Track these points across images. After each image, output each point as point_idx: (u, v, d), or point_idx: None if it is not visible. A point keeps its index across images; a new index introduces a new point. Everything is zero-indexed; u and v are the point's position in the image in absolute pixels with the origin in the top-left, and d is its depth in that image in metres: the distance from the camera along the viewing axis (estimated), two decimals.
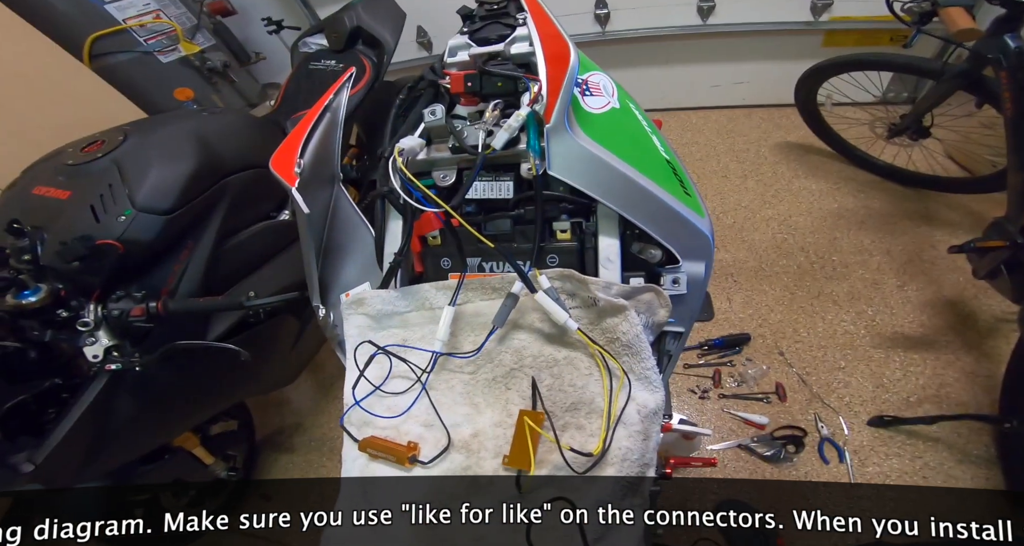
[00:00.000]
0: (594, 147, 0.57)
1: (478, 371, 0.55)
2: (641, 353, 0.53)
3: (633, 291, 0.54)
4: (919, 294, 1.58)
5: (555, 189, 0.58)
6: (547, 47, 0.58)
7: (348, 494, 0.56)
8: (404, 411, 0.55)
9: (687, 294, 0.59)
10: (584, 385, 0.53)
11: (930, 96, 1.51)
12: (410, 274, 0.64)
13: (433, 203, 0.53)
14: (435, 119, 0.58)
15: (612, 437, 0.52)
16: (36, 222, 0.91)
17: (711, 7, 1.98)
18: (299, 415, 1.71)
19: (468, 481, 0.53)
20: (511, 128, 0.55)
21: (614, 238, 0.59)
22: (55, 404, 0.95)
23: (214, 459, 1.35)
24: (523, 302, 0.54)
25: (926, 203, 1.80)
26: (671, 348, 0.62)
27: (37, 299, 0.87)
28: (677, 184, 0.62)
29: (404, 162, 0.56)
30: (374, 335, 0.58)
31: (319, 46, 1.61)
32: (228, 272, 1.09)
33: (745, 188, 1.96)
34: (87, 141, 1.03)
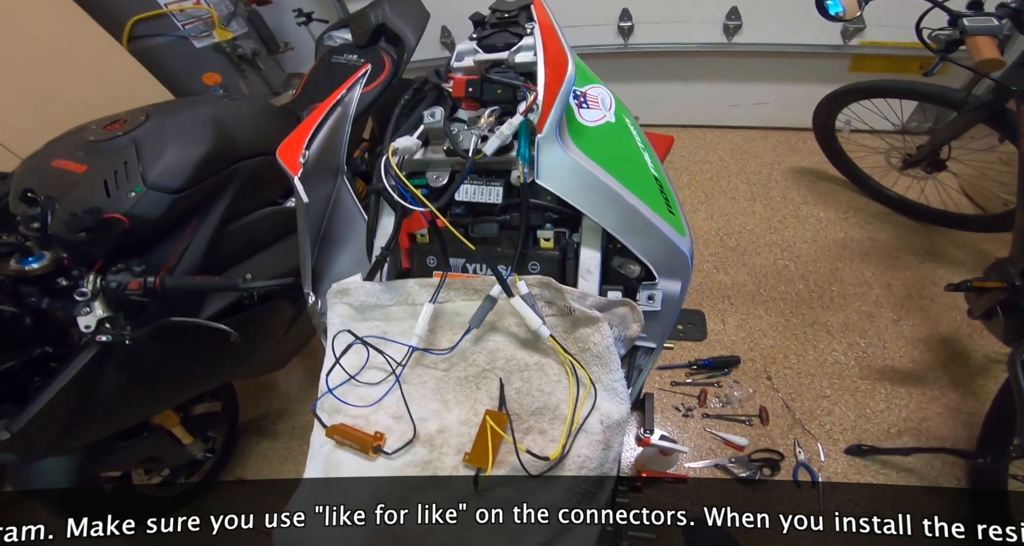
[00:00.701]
0: (583, 160, 0.58)
1: (451, 369, 0.57)
2: (610, 364, 0.54)
3: (608, 304, 0.55)
4: (913, 329, 1.56)
5: (542, 198, 0.59)
6: (549, 56, 0.60)
7: (312, 476, 0.58)
8: (376, 401, 0.57)
9: (661, 311, 0.60)
10: (551, 391, 0.54)
11: (949, 127, 1.48)
12: (397, 269, 0.66)
13: (420, 203, 0.55)
14: (434, 121, 0.60)
15: (572, 444, 0.53)
16: (50, 192, 0.95)
17: (738, 26, 1.97)
18: (286, 401, 1.74)
19: (428, 474, 0.54)
20: (503, 135, 0.56)
21: (596, 250, 0.60)
22: (42, 373, 0.97)
23: (192, 439, 1.36)
24: (501, 306, 0.55)
25: (934, 239, 1.77)
26: (642, 363, 0.63)
27: (40, 266, 0.90)
28: (662, 202, 0.63)
29: (398, 161, 0.58)
30: (356, 326, 0.60)
31: (343, 40, 1.65)
32: (229, 254, 1.12)
33: (752, 211, 1.95)
34: (111, 120, 1.07)
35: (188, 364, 1.15)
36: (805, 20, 1.85)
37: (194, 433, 1.37)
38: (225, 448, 1.55)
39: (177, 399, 1.26)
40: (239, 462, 1.62)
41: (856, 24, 1.83)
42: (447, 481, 0.53)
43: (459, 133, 0.59)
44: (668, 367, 1.58)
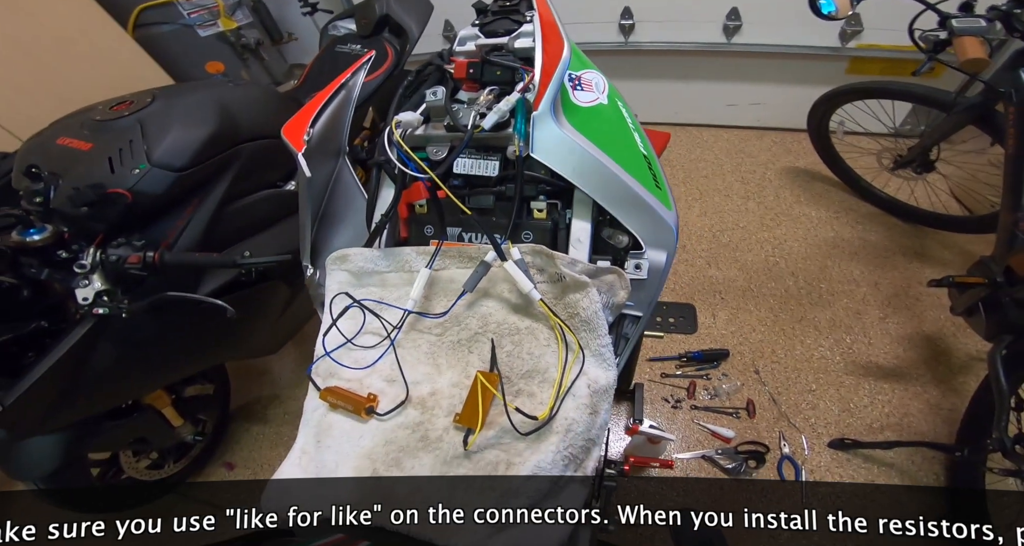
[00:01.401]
0: (576, 136, 0.61)
1: (444, 333, 0.59)
2: (598, 330, 0.56)
3: (597, 271, 0.57)
4: (899, 327, 1.59)
5: (537, 172, 0.62)
6: (546, 41, 0.63)
7: (303, 441, 0.59)
8: (371, 364, 0.58)
9: (647, 280, 0.63)
10: (541, 355, 0.56)
11: (939, 128, 1.51)
12: (395, 239, 0.68)
13: (421, 170, 0.57)
14: (435, 99, 0.63)
15: (560, 406, 0.54)
16: (54, 169, 0.97)
17: (738, 26, 1.99)
18: (278, 386, 1.74)
19: (419, 436, 0.55)
20: (501, 111, 0.59)
21: (586, 222, 0.63)
22: (36, 348, 0.98)
23: (183, 421, 1.36)
24: (495, 273, 0.57)
25: (922, 240, 1.80)
26: (628, 331, 0.66)
27: (41, 238, 0.92)
28: (650, 177, 0.66)
29: (401, 134, 0.60)
30: (353, 291, 0.62)
31: (348, 30, 1.67)
32: (227, 234, 1.14)
33: (746, 209, 1.98)
34: (117, 101, 1.10)
35: (183, 342, 1.17)
36: (804, 22, 1.86)
37: (184, 415, 1.37)
38: (215, 432, 1.56)
39: (170, 378, 1.27)
40: (228, 447, 1.63)
41: (854, 27, 1.86)
42: (437, 443, 0.54)
43: (459, 110, 0.61)
44: (658, 359, 1.60)
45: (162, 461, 1.46)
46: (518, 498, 0.50)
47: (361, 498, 0.52)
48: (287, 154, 1.27)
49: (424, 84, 0.71)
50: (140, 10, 2.07)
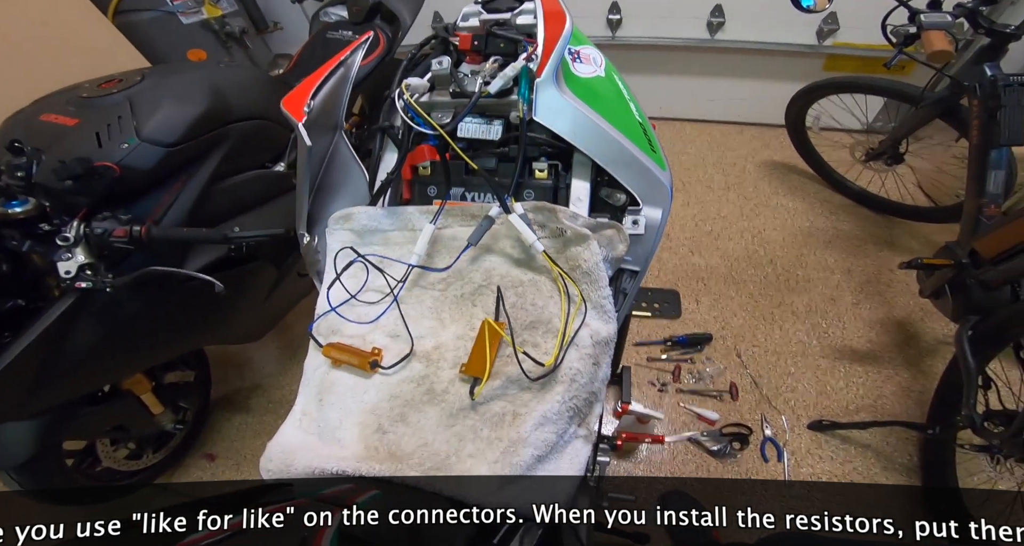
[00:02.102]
0: (576, 102, 0.64)
1: (448, 288, 0.59)
2: (599, 282, 0.57)
3: (597, 225, 0.59)
4: (871, 312, 1.66)
5: (538, 136, 0.64)
6: (548, 17, 0.66)
7: (303, 402, 0.59)
8: (375, 318, 0.59)
9: (644, 235, 0.65)
10: (544, 305, 0.57)
11: (908, 121, 1.58)
12: (397, 200, 0.69)
13: (431, 126, 0.59)
14: (441, 68, 0.65)
15: (564, 356, 0.55)
16: (37, 144, 0.95)
17: (721, 23, 2.05)
18: (260, 376, 1.72)
19: (424, 389, 0.55)
20: (506, 76, 0.61)
21: (585, 181, 0.65)
22: (11, 327, 0.95)
23: (163, 409, 1.34)
24: (497, 230, 0.59)
25: (892, 229, 1.88)
26: (627, 286, 0.68)
27: (23, 210, 0.90)
28: (645, 141, 0.69)
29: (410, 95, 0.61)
30: (356, 249, 0.63)
31: (339, 17, 1.66)
32: (215, 212, 1.13)
33: (727, 200, 2.04)
34: (104, 79, 1.08)
35: (166, 321, 1.15)
36: (784, 20, 1.95)
37: (165, 403, 1.35)
38: (196, 421, 1.52)
39: (152, 359, 1.24)
40: (209, 438, 1.60)
41: (830, 25, 1.93)
42: (443, 395, 0.54)
43: (464, 78, 0.63)
44: (644, 343, 1.64)
45: (140, 451, 1.42)
46: (526, 448, 0.51)
47: (367, 454, 0.52)
48: (276, 136, 1.29)
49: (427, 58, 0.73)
50: None
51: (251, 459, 1.57)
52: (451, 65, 0.65)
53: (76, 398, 1.13)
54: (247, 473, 1.56)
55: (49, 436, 1.12)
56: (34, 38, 1.69)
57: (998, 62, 1.28)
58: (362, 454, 0.52)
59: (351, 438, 0.54)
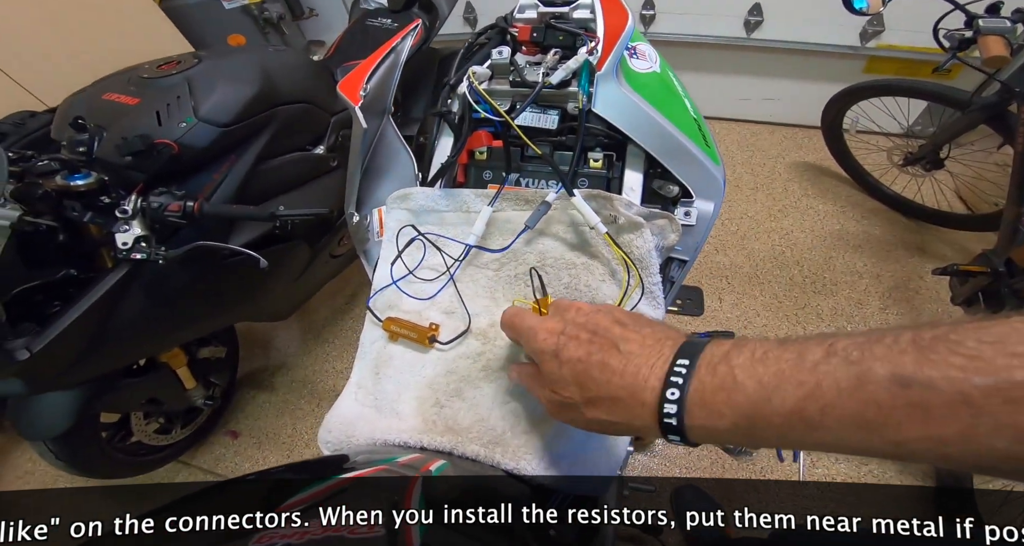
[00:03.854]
0: (634, 96, 0.65)
1: (502, 268, 0.61)
2: (650, 268, 0.58)
3: (651, 214, 0.60)
4: (898, 318, 1.64)
5: (595, 127, 0.65)
6: (608, 12, 0.67)
7: (359, 375, 0.60)
8: (432, 295, 0.60)
9: (695, 226, 0.67)
10: (598, 288, 0.58)
11: (953, 126, 1.55)
12: (451, 183, 0.71)
13: (496, 113, 0.60)
14: (501, 58, 0.66)
15: None
16: (99, 122, 0.99)
17: (759, 22, 2.02)
18: (284, 355, 1.76)
19: (480, 365, 0.56)
20: (569, 68, 0.62)
21: (639, 173, 0.66)
22: (62, 297, 0.99)
23: (196, 384, 1.38)
24: (552, 215, 0.60)
25: (924, 236, 1.85)
26: (674, 275, 0.69)
27: (85, 183, 0.94)
28: (700, 136, 0.70)
29: (469, 85, 0.63)
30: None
31: (378, 4, 1.69)
32: (259, 191, 1.16)
33: (754, 200, 2.02)
34: (163, 61, 1.12)
35: (207, 296, 1.19)
36: (826, 20, 1.91)
37: (197, 378, 1.39)
38: (224, 398, 1.57)
39: (190, 334, 1.28)
40: (232, 415, 1.64)
41: (875, 26, 1.90)
42: (499, 373, 0.55)
43: (524, 68, 0.64)
44: None
45: (170, 426, 1.47)
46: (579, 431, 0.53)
47: (426, 427, 0.54)
48: (317, 119, 1.31)
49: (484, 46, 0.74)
50: None
51: (273, 437, 1.62)
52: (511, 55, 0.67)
53: (117, 370, 1.18)
54: (268, 451, 1.60)
55: (89, 407, 1.16)
56: (85, 21, 1.75)
57: None
58: (421, 427, 0.54)
59: (409, 411, 0.56)
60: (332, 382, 1.72)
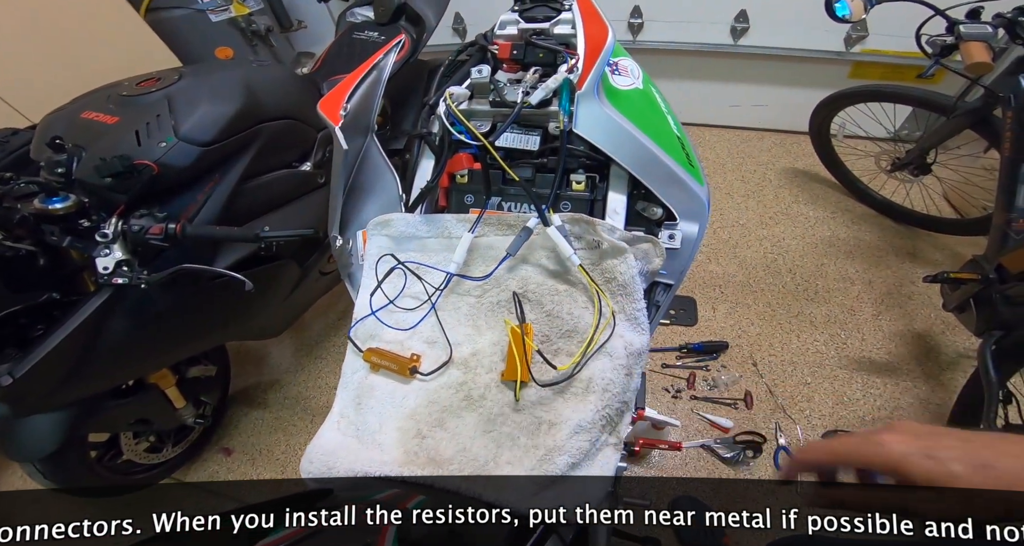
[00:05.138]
0: (616, 115, 0.64)
1: (484, 295, 0.60)
2: (634, 294, 0.58)
3: (634, 238, 0.59)
4: (891, 324, 1.64)
5: (576, 148, 0.65)
6: (588, 27, 0.66)
7: (341, 405, 0.59)
8: (414, 325, 0.60)
9: (680, 250, 0.66)
10: (580, 315, 0.57)
11: (938, 131, 1.55)
12: (433, 208, 0.70)
13: (473, 136, 0.59)
14: (481, 76, 0.65)
15: (599, 367, 0.55)
16: (78, 141, 0.97)
17: (745, 28, 2.03)
18: (277, 372, 1.75)
19: (462, 395, 0.56)
20: (548, 88, 0.62)
21: (622, 194, 0.66)
22: (45, 320, 0.98)
23: (185, 403, 1.36)
24: (533, 241, 0.59)
25: (915, 241, 1.86)
26: (660, 299, 0.69)
27: (63, 206, 0.92)
28: (683, 156, 0.70)
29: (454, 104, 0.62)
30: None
31: (365, 18, 1.68)
32: (244, 211, 1.15)
33: (746, 207, 2.03)
34: (143, 77, 1.10)
35: (194, 317, 1.17)
36: (810, 26, 1.93)
37: (187, 397, 1.38)
38: (215, 416, 1.55)
39: (178, 355, 1.27)
40: (226, 432, 1.62)
41: (859, 32, 1.91)
42: (480, 401, 0.55)
43: (504, 87, 0.64)
44: (659, 349, 1.64)
45: (161, 444, 1.45)
46: (562, 456, 0.52)
47: (407, 458, 0.53)
48: (303, 136, 1.31)
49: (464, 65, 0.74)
50: None
51: (266, 454, 1.60)
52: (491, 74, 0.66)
53: (104, 391, 1.16)
54: (262, 468, 1.58)
55: (76, 428, 1.15)
56: (70, 35, 1.74)
57: None
58: (402, 459, 0.53)
59: (391, 442, 0.55)
60: (326, 398, 1.70)
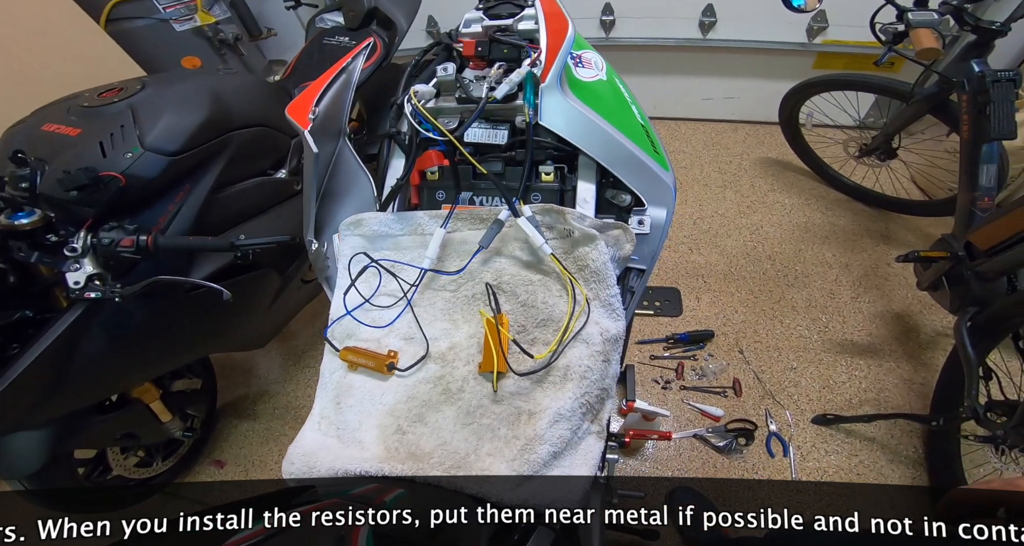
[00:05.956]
0: (580, 106, 0.65)
1: (459, 289, 0.60)
2: (607, 280, 0.58)
3: (604, 225, 0.60)
4: (870, 306, 1.68)
5: (544, 139, 0.65)
6: (550, 22, 0.67)
7: (321, 406, 0.59)
8: (390, 322, 0.60)
9: (650, 234, 0.67)
10: (555, 304, 0.58)
11: (899, 117, 1.60)
12: (406, 205, 0.70)
13: (440, 132, 0.60)
14: (446, 74, 0.66)
15: (576, 354, 0.56)
16: (40, 155, 0.95)
17: (712, 23, 2.08)
18: (265, 382, 1.73)
19: (441, 389, 0.56)
20: (512, 82, 0.62)
21: (591, 183, 0.66)
22: (18, 341, 0.96)
23: (171, 416, 1.34)
24: (506, 233, 0.60)
25: (887, 224, 1.90)
26: (633, 284, 0.69)
27: (29, 222, 0.90)
28: (648, 143, 0.71)
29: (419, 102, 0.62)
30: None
31: (335, 23, 1.67)
32: (219, 220, 1.13)
33: (723, 197, 2.06)
34: (104, 88, 1.08)
35: (173, 330, 1.15)
36: (774, 19, 1.98)
37: (173, 410, 1.35)
38: (204, 428, 1.53)
39: (159, 368, 1.24)
40: (217, 445, 1.60)
41: (819, 23, 1.96)
42: (459, 394, 0.55)
43: (470, 84, 0.64)
44: (647, 341, 1.65)
45: (150, 459, 1.43)
46: (543, 445, 0.52)
47: (388, 454, 0.53)
48: (276, 143, 1.29)
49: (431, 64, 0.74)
50: (113, 5, 2.02)
51: (259, 465, 1.57)
52: (456, 71, 0.66)
53: (86, 407, 1.14)
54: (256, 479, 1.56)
55: (60, 445, 1.12)
56: (28, 48, 1.69)
57: (985, 58, 1.30)
58: (383, 455, 0.53)
59: (371, 439, 0.54)
60: None
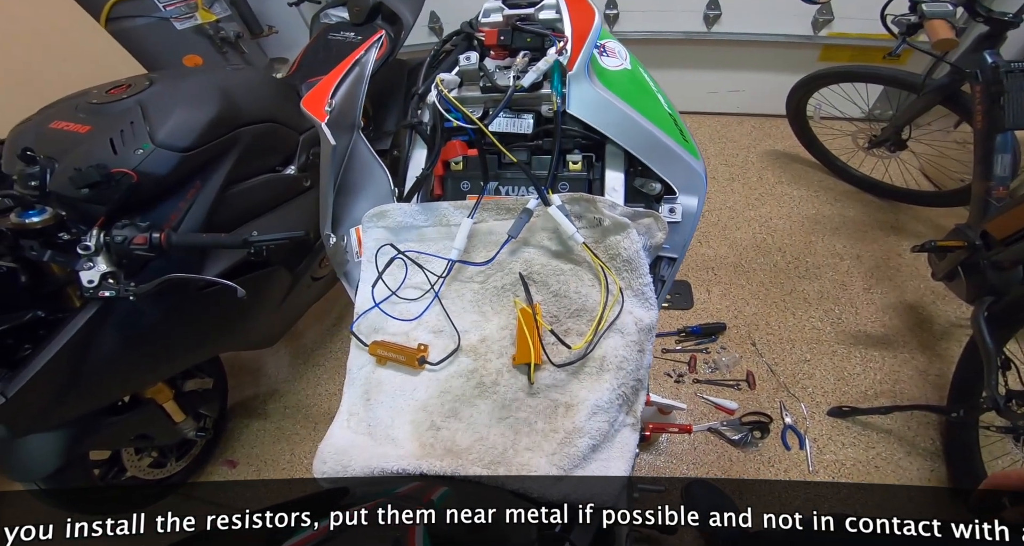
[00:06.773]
0: (607, 94, 0.64)
1: (488, 280, 0.59)
2: (639, 269, 0.57)
3: (636, 214, 0.59)
4: (883, 297, 1.67)
5: (571, 128, 0.64)
6: (574, 10, 0.66)
7: (349, 402, 0.58)
8: (418, 315, 0.58)
9: (681, 223, 0.66)
10: (587, 294, 0.57)
11: (910, 109, 1.59)
12: (428, 197, 0.69)
13: (469, 121, 0.58)
14: (469, 63, 0.65)
15: (611, 345, 0.55)
16: (49, 153, 0.94)
17: (717, 15, 2.06)
18: (275, 382, 1.72)
19: (474, 383, 0.55)
20: (539, 70, 0.61)
21: (619, 172, 0.65)
22: (31, 341, 0.95)
23: (185, 417, 1.34)
24: (534, 222, 0.58)
25: (897, 214, 1.90)
26: (665, 273, 0.68)
27: (41, 220, 0.89)
28: (677, 131, 0.70)
29: (438, 94, 0.61)
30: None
31: (339, 18, 1.66)
32: (230, 217, 1.12)
33: (731, 190, 2.05)
34: (112, 85, 1.07)
35: (185, 329, 1.14)
36: (779, 11, 1.97)
37: (186, 410, 1.35)
38: (215, 428, 1.53)
39: (172, 368, 1.24)
40: (229, 445, 1.60)
41: (825, 15, 1.95)
42: (493, 387, 0.54)
43: (494, 72, 0.63)
44: (659, 334, 1.64)
45: (164, 459, 1.43)
46: (582, 438, 0.51)
47: (423, 451, 0.52)
48: (285, 139, 1.28)
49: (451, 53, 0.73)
50: (113, 4, 2.00)
51: (271, 464, 1.57)
52: (479, 60, 0.65)
53: (100, 408, 1.13)
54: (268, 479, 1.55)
55: (75, 447, 1.12)
56: (29, 48, 1.68)
57: (998, 49, 1.30)
58: (419, 452, 0.51)
59: (405, 436, 0.53)
60: (326, 405, 1.68)
